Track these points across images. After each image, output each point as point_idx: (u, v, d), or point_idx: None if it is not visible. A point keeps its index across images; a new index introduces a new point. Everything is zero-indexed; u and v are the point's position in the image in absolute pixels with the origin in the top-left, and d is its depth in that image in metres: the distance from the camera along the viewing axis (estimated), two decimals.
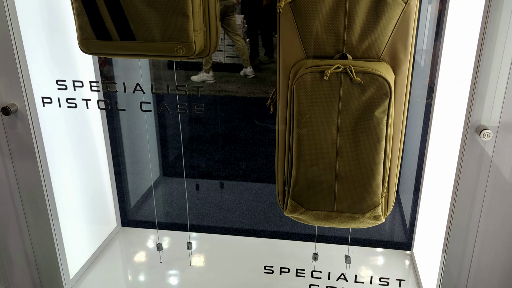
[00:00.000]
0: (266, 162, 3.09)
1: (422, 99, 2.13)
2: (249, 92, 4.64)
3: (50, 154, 1.41)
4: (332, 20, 1.06)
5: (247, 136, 3.58)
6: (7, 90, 1.22)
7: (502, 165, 1.17)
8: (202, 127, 3.60)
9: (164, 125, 3.24)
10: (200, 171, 2.97)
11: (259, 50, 5.35)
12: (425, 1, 2.25)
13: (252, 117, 4.07)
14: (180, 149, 3.15)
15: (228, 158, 3.17)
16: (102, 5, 1.07)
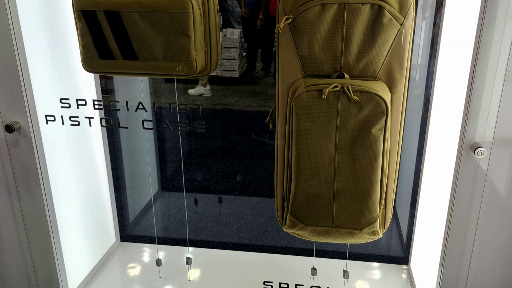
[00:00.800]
0: (263, 175, 3.11)
1: (418, 113, 2.16)
2: (246, 106, 4.67)
3: (52, 170, 1.42)
4: (329, 41, 1.09)
5: (244, 149, 3.60)
6: (11, 108, 1.24)
7: (496, 181, 1.20)
8: (199, 141, 3.62)
9: (162, 139, 3.26)
10: (197, 185, 2.98)
11: (256, 64, 5.41)
12: (419, 18, 2.30)
13: (249, 130, 4.10)
14: (177, 163, 3.16)
15: (226, 172, 3.18)
16: (105, 26, 1.10)
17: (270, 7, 4.20)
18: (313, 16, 1.07)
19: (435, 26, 1.98)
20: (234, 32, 4.90)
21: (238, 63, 5.00)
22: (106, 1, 1.07)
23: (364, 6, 1.05)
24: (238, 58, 4.93)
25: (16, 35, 1.20)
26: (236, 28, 4.84)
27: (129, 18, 1.08)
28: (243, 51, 5.16)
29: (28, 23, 1.26)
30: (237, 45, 4.97)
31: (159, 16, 1.07)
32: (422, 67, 2.38)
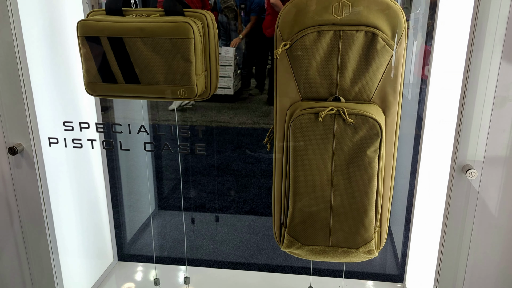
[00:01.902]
0: (258, 193, 3.12)
1: (411, 132, 2.20)
2: (241, 123, 4.71)
3: (52, 191, 1.44)
4: (325, 66, 1.13)
5: (239, 167, 3.61)
6: (14, 130, 1.27)
7: (488, 200, 1.23)
8: (195, 158, 3.64)
9: (159, 157, 3.28)
10: (193, 203, 2.99)
11: (250, 81, 5.47)
12: (411, 38, 2.36)
13: (244, 147, 4.12)
14: (173, 181, 3.17)
15: (221, 190, 3.20)
16: (109, 51, 1.13)
17: (263, 26, 4.28)
18: (310, 42, 1.11)
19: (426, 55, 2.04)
20: (229, 51, 4.98)
21: (233, 81, 5.06)
22: (109, 28, 1.11)
23: (359, 33, 1.09)
24: (232, 76, 4.99)
25: (21, 59, 1.23)
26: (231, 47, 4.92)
27: (132, 43, 1.12)
28: (237, 68, 5.23)
29: (33, 47, 1.29)
30: (232, 63, 5.03)
31: (161, 42, 1.11)
32: (414, 86, 2.43)
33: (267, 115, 4.85)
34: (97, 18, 1.13)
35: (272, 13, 3.71)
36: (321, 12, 1.09)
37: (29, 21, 1.28)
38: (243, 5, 4.87)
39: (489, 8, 1.13)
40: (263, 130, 4.49)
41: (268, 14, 3.80)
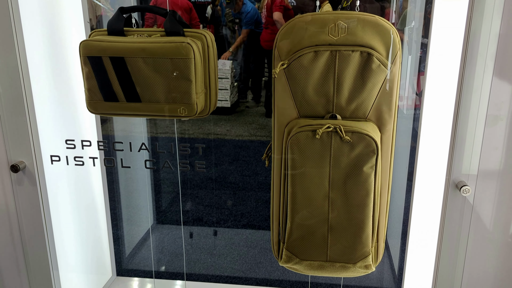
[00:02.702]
0: (255, 206, 3.13)
1: (406, 145, 2.23)
2: (238, 135, 4.73)
3: (53, 208, 1.45)
4: (322, 84, 1.16)
5: (237, 179, 3.63)
6: (17, 148, 1.28)
7: (482, 216, 1.26)
8: (191, 171, 3.65)
9: (157, 170, 3.29)
10: (190, 216, 2.99)
11: (247, 93, 5.52)
12: (405, 52, 2.40)
13: (241, 160, 4.14)
14: (171, 194, 3.18)
15: (218, 203, 3.20)
16: (110, 71, 1.15)
17: (261, 39, 4.33)
18: (307, 62, 1.14)
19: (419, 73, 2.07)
20: (225, 63, 5.02)
21: (230, 93, 5.10)
22: (111, 48, 1.14)
23: (354, 53, 1.12)
24: (229, 88, 5.03)
25: (24, 78, 1.25)
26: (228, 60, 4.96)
27: (133, 63, 1.14)
28: (234, 81, 5.27)
29: (36, 66, 1.31)
30: (229, 75, 5.07)
31: (162, 61, 1.13)
32: (409, 99, 2.46)
33: (263, 127, 4.87)
34: (100, 38, 1.16)
35: (271, 27, 3.77)
36: (318, 33, 1.13)
37: (33, 41, 1.31)
38: (237, 20, 4.93)
39: (481, 26, 1.17)
40: (259, 142, 4.51)
41: (267, 28, 3.85)
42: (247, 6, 4.70)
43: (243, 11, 4.70)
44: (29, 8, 1.30)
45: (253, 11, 4.63)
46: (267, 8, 3.64)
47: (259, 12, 4.82)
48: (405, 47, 2.47)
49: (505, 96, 1.11)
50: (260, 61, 4.90)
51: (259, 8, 3.85)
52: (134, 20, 1.24)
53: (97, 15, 1.93)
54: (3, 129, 1.29)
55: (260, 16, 4.84)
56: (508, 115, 1.12)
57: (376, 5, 2.50)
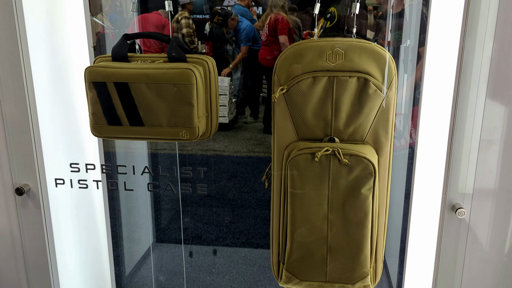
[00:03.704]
0: (254, 223, 3.14)
1: (404, 163, 2.26)
2: (236, 151, 4.75)
3: (56, 228, 1.46)
4: (321, 109, 1.19)
5: (235, 196, 3.64)
6: (21, 171, 1.31)
7: (478, 235, 1.28)
8: (190, 187, 3.66)
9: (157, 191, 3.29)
10: (190, 233, 3.00)
11: (245, 110, 5.56)
12: (402, 71, 2.44)
13: (240, 176, 4.15)
14: (171, 211, 3.18)
15: (217, 220, 3.21)
16: (114, 96, 1.19)
17: (259, 55, 4.39)
18: (305, 87, 1.18)
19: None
20: (224, 80, 5.07)
21: (228, 109, 5.14)
22: (116, 74, 1.17)
23: (351, 79, 1.16)
24: (227, 104, 5.07)
25: (30, 102, 1.28)
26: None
27: (137, 88, 1.18)
28: (232, 97, 5.32)
29: (41, 90, 1.34)
30: (227, 92, 5.12)
31: (165, 87, 1.17)
32: (405, 117, 2.50)
33: (262, 143, 4.90)
34: (104, 64, 1.19)
35: (272, 45, 3.84)
36: (316, 59, 1.16)
37: (38, 66, 1.34)
38: (234, 37, 5.01)
39: (474, 50, 1.21)
40: (258, 158, 4.53)
41: (267, 46, 3.92)
42: (242, 23, 4.77)
43: (238, 28, 4.78)
44: (36, 33, 1.34)
45: (249, 27, 4.71)
46: (269, 28, 3.70)
47: (256, 29, 4.90)
48: (401, 65, 2.52)
49: (498, 121, 1.15)
50: (258, 78, 4.95)
51: (260, 26, 3.91)
52: (138, 46, 1.27)
53: (97, 32, 1.97)
54: (9, 153, 1.31)
55: (257, 33, 4.91)
56: (501, 139, 1.15)
57: (371, 22, 2.55)
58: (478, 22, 1.19)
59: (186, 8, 5.03)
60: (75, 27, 1.45)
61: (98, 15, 2.16)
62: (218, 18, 5.26)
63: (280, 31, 3.59)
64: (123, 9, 2.38)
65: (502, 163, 1.18)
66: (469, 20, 1.19)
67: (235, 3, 5.13)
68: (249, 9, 4.95)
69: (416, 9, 2.24)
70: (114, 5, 2.37)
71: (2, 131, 1.32)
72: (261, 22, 3.88)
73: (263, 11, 5.14)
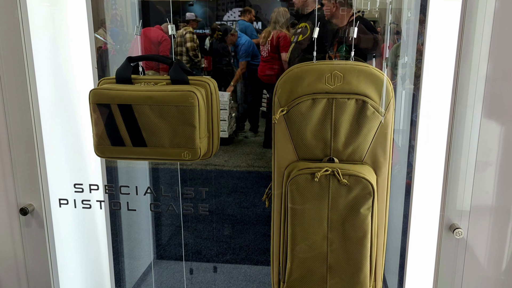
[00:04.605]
0: (254, 239, 3.15)
1: (402, 179, 2.28)
2: (236, 166, 4.77)
3: (59, 247, 1.48)
4: (320, 130, 1.22)
5: (235, 212, 3.64)
6: (26, 192, 1.33)
7: (476, 254, 1.30)
8: (190, 204, 3.66)
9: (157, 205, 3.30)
10: (190, 249, 3.00)
11: (244, 124, 5.59)
12: (399, 87, 2.47)
13: (239, 191, 4.16)
14: (171, 228, 3.19)
15: (217, 236, 3.21)
16: (118, 117, 1.21)
17: (259, 71, 4.44)
18: (305, 109, 1.20)
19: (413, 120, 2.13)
20: (224, 95, 5.12)
21: (228, 124, 5.18)
22: (120, 96, 1.20)
23: (350, 101, 1.19)
24: (227, 119, 5.11)
25: (36, 124, 1.31)
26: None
27: (140, 110, 1.20)
28: (232, 111, 5.36)
29: (46, 111, 1.37)
30: (227, 107, 5.16)
31: (168, 108, 1.19)
32: (404, 132, 2.52)
33: (261, 158, 4.92)
34: (108, 87, 1.22)
35: (273, 61, 3.89)
36: (315, 82, 1.19)
37: (44, 88, 1.37)
38: (233, 52, 5.08)
39: (469, 71, 1.24)
40: (257, 173, 4.54)
41: (267, 62, 3.97)
42: (241, 38, 4.84)
43: (237, 43, 4.84)
44: (41, 55, 1.37)
45: (248, 43, 4.78)
46: (271, 44, 3.75)
47: (255, 45, 4.96)
48: (398, 82, 2.55)
49: (493, 142, 1.17)
50: (257, 92, 4.99)
51: (263, 42, 3.96)
52: (141, 68, 1.30)
53: (98, 48, 2.01)
54: (14, 174, 1.34)
55: (256, 49, 4.97)
56: (497, 161, 1.18)
57: (369, 37, 2.59)
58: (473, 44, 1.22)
59: (191, 24, 5.10)
60: (79, 48, 1.48)
61: (100, 30, 2.19)
62: (218, 33, 5.33)
63: (282, 48, 3.63)
64: (124, 23, 2.42)
65: (499, 184, 1.20)
66: (464, 40, 1.22)
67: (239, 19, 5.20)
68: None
69: (413, 25, 2.28)
70: (115, 20, 2.41)
71: (7, 152, 1.34)
72: (263, 39, 3.93)
73: (263, 26, 5.21)
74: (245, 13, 4.86)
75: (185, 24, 5.20)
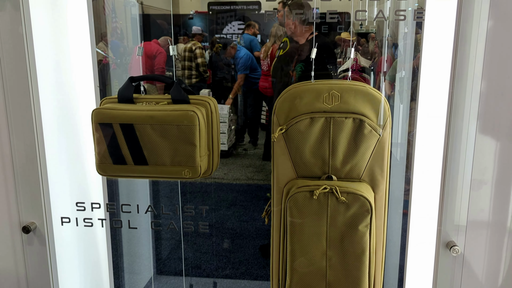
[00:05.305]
0: (253, 253, 3.14)
1: (400, 192, 2.29)
2: (235, 179, 4.78)
3: (60, 264, 1.48)
4: (318, 148, 1.24)
5: (235, 225, 3.64)
6: (29, 210, 1.35)
7: (472, 271, 1.31)
8: (189, 218, 3.66)
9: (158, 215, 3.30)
10: (189, 264, 2.99)
11: (244, 137, 5.61)
12: (397, 102, 2.50)
13: (239, 205, 4.16)
14: (171, 242, 3.18)
15: (217, 250, 3.21)
16: (120, 136, 1.23)
17: (260, 84, 4.48)
18: (304, 127, 1.23)
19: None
20: (223, 108, 5.15)
21: (227, 137, 5.20)
22: (122, 116, 1.22)
23: (347, 120, 1.21)
24: (227, 132, 5.13)
25: (39, 143, 1.33)
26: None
27: (141, 129, 1.22)
28: (232, 125, 5.39)
29: (50, 131, 1.39)
30: (226, 120, 5.19)
31: (169, 128, 1.22)
32: (402, 146, 2.53)
33: (260, 170, 4.93)
34: (110, 106, 1.24)
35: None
36: (314, 101, 1.22)
37: (47, 108, 1.40)
38: (233, 65, 5.13)
39: (465, 88, 1.26)
40: (256, 186, 4.55)
41: (268, 76, 4.00)
42: (240, 52, 4.89)
43: (236, 56, 4.89)
44: (45, 75, 1.40)
45: (246, 56, 4.83)
46: (270, 58, 3.79)
47: (254, 58, 5.01)
48: (396, 96, 2.58)
49: (488, 161, 1.20)
50: (257, 105, 5.03)
51: (264, 57, 4.00)
52: (143, 87, 1.33)
53: (98, 61, 2.03)
54: (17, 192, 1.35)
55: (255, 62, 5.02)
56: (493, 179, 1.20)
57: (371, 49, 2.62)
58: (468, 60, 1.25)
59: (197, 38, 5.16)
60: (81, 67, 1.51)
61: (100, 43, 2.22)
62: (217, 46, 5.38)
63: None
64: (124, 36, 2.46)
65: (494, 202, 1.22)
66: (458, 57, 1.25)
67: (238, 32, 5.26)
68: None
69: (410, 40, 2.31)
70: (115, 33, 2.44)
71: (11, 170, 1.37)
72: (264, 53, 3.97)
73: (262, 41, 5.27)
74: (249, 27, 4.95)
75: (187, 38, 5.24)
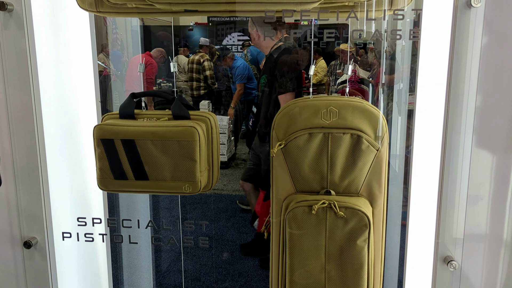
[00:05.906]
0: (253, 265, 3.15)
1: (398, 203, 2.30)
2: (235, 190, 4.79)
3: (60, 278, 1.49)
4: (317, 163, 1.26)
5: (234, 237, 3.65)
6: (30, 225, 1.36)
7: (470, 284, 1.32)
8: (192, 240, 3.66)
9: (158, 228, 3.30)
10: (189, 276, 2.99)
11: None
12: (395, 114, 2.52)
13: (238, 216, 4.17)
14: (171, 254, 3.18)
15: (216, 262, 3.21)
16: (121, 152, 1.25)
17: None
18: (302, 143, 1.25)
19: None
20: (223, 119, 5.18)
21: (227, 148, 5.22)
22: (123, 132, 1.24)
23: (345, 135, 1.23)
24: (226, 142, 5.16)
25: (41, 158, 1.35)
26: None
27: (142, 145, 1.24)
28: (231, 135, 5.41)
29: (52, 147, 1.41)
30: (226, 131, 5.22)
31: (170, 143, 1.23)
32: (401, 157, 2.55)
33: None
34: (112, 122, 1.26)
35: None
36: (312, 117, 1.24)
37: (49, 124, 1.41)
38: (231, 74, 5.17)
39: (462, 100, 1.28)
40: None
41: None
42: (237, 61, 4.94)
43: (233, 66, 4.93)
44: (48, 90, 1.42)
45: (242, 65, 4.87)
46: None
47: (250, 68, 5.05)
48: (394, 107, 2.60)
49: (484, 177, 1.21)
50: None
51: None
52: (144, 103, 1.35)
53: (99, 72, 2.06)
54: (19, 208, 1.37)
55: (252, 72, 5.06)
56: (489, 195, 1.22)
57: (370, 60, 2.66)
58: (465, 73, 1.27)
59: (204, 50, 5.20)
60: (83, 82, 1.53)
61: (100, 54, 2.24)
62: (217, 53, 5.43)
63: None
64: (124, 47, 2.48)
65: (491, 218, 1.24)
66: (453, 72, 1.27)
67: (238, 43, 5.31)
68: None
69: (407, 52, 2.34)
70: (115, 44, 2.46)
71: (13, 185, 1.38)
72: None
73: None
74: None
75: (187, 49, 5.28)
